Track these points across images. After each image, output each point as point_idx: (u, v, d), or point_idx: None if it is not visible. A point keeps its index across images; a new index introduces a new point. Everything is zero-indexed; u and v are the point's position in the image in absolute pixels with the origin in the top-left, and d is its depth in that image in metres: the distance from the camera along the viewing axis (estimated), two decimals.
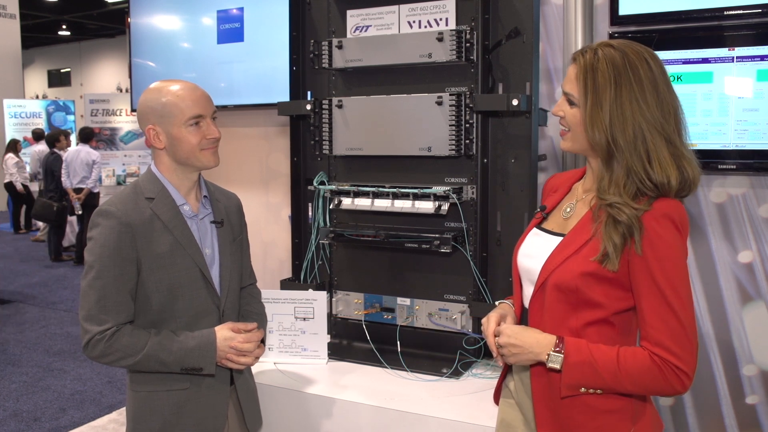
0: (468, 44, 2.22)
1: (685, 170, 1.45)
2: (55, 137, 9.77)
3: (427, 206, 2.27)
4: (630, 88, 1.45)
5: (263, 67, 3.51)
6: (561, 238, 1.57)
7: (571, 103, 1.54)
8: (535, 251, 1.61)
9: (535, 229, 1.68)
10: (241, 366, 1.86)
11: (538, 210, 1.72)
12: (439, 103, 2.22)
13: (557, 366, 1.47)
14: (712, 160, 2.43)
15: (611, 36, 2.56)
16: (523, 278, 1.66)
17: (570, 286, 1.48)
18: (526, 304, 1.64)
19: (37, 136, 12.40)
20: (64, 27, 20.47)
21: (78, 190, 8.81)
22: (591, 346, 1.46)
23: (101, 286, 1.72)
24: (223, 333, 1.82)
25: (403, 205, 2.31)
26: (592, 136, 1.48)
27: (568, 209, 1.63)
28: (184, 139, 1.80)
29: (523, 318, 1.67)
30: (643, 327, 1.45)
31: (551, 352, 1.48)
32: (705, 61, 2.44)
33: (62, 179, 8.84)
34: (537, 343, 1.50)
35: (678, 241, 1.43)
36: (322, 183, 2.49)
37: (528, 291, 1.62)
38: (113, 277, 1.73)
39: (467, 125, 2.23)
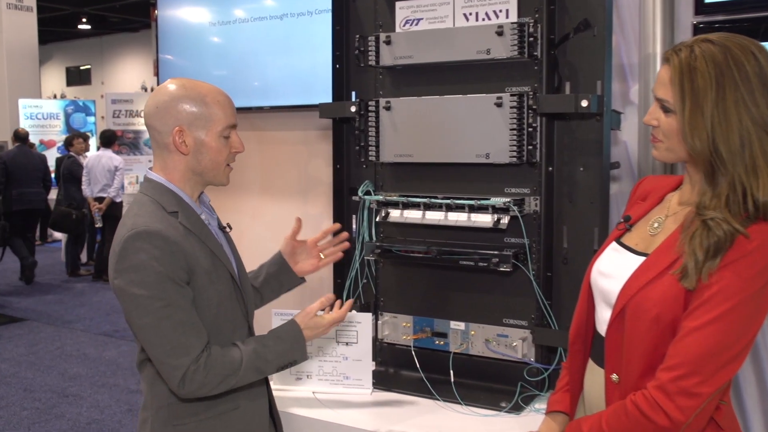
0: (531, 39, 2.23)
1: None
2: (68, 141, 9.94)
3: (484, 219, 2.28)
4: (735, 89, 1.41)
5: (302, 65, 3.56)
6: (644, 258, 1.55)
7: (666, 110, 1.51)
8: (613, 270, 1.60)
9: (614, 244, 1.66)
10: (333, 326, 2.02)
11: (622, 220, 1.70)
12: (499, 105, 2.23)
13: None
14: None
15: (695, 27, 2.54)
16: (597, 299, 1.65)
17: (651, 315, 1.46)
18: (599, 327, 1.63)
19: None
20: (84, 20, 20.94)
21: (99, 200, 8.94)
22: (581, 424, 1.55)
23: (174, 313, 1.72)
24: (304, 320, 1.95)
25: (457, 218, 2.33)
26: (692, 146, 1.45)
27: (656, 225, 1.60)
28: (215, 149, 1.84)
29: (595, 344, 1.66)
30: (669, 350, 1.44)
31: None
32: None
33: (83, 187, 8.99)
34: None
35: (761, 279, 1.39)
36: (367, 193, 2.52)
37: (603, 314, 1.61)
38: (184, 299, 1.74)
39: (530, 129, 2.24)
